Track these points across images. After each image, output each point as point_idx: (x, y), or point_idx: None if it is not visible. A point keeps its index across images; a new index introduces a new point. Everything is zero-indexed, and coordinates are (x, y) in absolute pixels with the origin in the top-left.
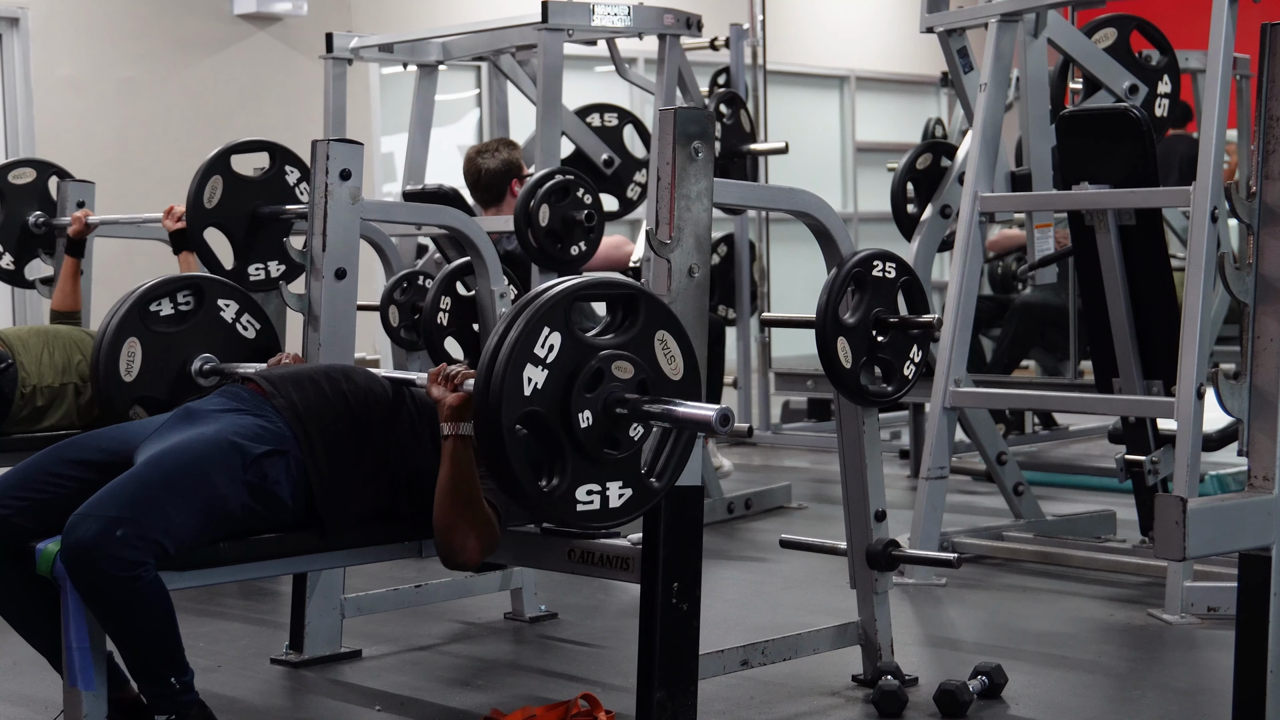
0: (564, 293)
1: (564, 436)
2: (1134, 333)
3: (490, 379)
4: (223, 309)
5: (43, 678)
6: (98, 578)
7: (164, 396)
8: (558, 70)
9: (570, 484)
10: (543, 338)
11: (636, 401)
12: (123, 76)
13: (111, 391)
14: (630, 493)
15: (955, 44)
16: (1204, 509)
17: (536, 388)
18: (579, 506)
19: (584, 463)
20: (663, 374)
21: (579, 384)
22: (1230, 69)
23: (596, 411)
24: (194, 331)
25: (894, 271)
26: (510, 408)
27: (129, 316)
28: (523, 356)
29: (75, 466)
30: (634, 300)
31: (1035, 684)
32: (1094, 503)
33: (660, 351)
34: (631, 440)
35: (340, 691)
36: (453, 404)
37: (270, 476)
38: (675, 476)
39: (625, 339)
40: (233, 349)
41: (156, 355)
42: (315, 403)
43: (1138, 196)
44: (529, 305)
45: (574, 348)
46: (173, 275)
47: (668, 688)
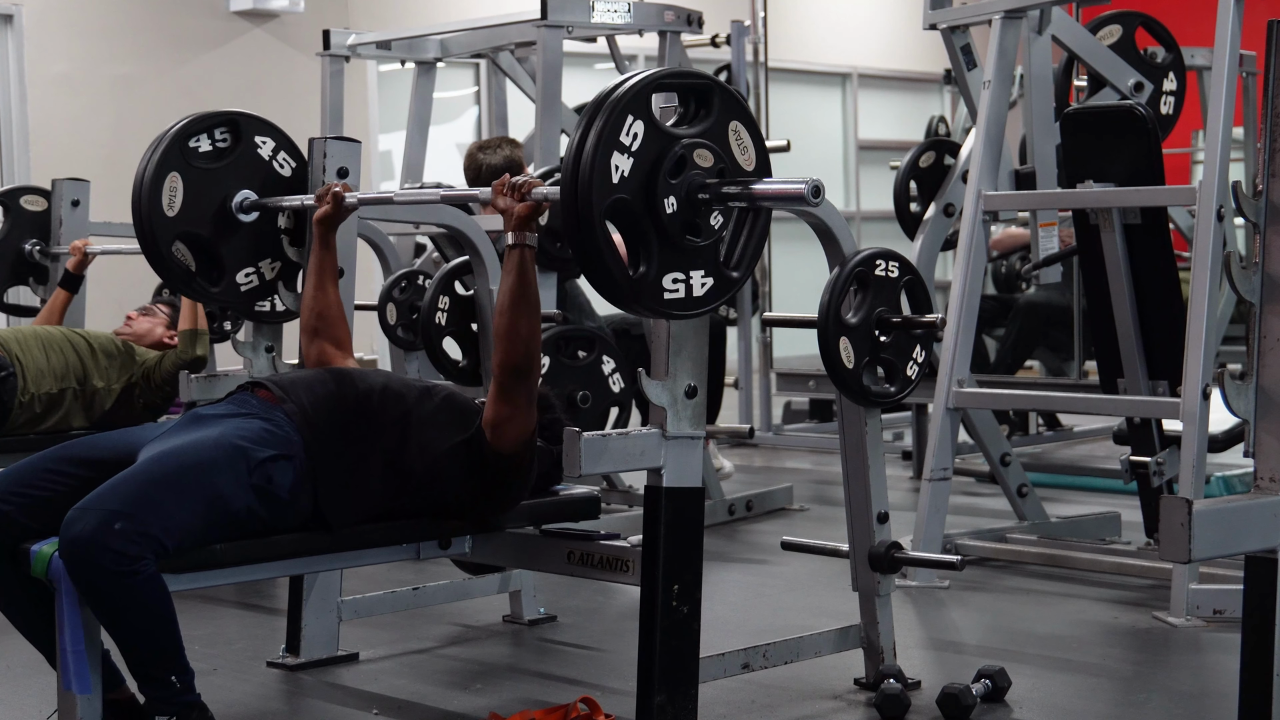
0: (644, 81)
1: (649, 224)
2: (1139, 332)
3: (579, 168)
4: (259, 145)
5: (37, 679)
6: (95, 572)
7: (206, 233)
8: (557, 67)
9: (658, 272)
10: (627, 126)
11: (717, 185)
12: (117, 74)
13: (154, 226)
14: (712, 282)
15: (959, 41)
16: (1210, 511)
17: (623, 175)
18: (666, 294)
19: (669, 250)
20: (737, 164)
21: (664, 171)
22: (1236, 66)
23: (680, 198)
24: (233, 168)
25: (897, 271)
26: (600, 196)
27: (169, 151)
28: (610, 145)
29: (77, 464)
30: (709, 90)
31: (1039, 687)
32: (1098, 504)
33: (734, 142)
34: (712, 228)
35: (337, 695)
36: (521, 213)
37: (275, 480)
38: (752, 266)
39: (701, 129)
40: (271, 185)
41: (197, 190)
42: (325, 406)
43: (1143, 195)
44: (610, 96)
45: (656, 136)
46: (210, 111)
47: (668, 691)
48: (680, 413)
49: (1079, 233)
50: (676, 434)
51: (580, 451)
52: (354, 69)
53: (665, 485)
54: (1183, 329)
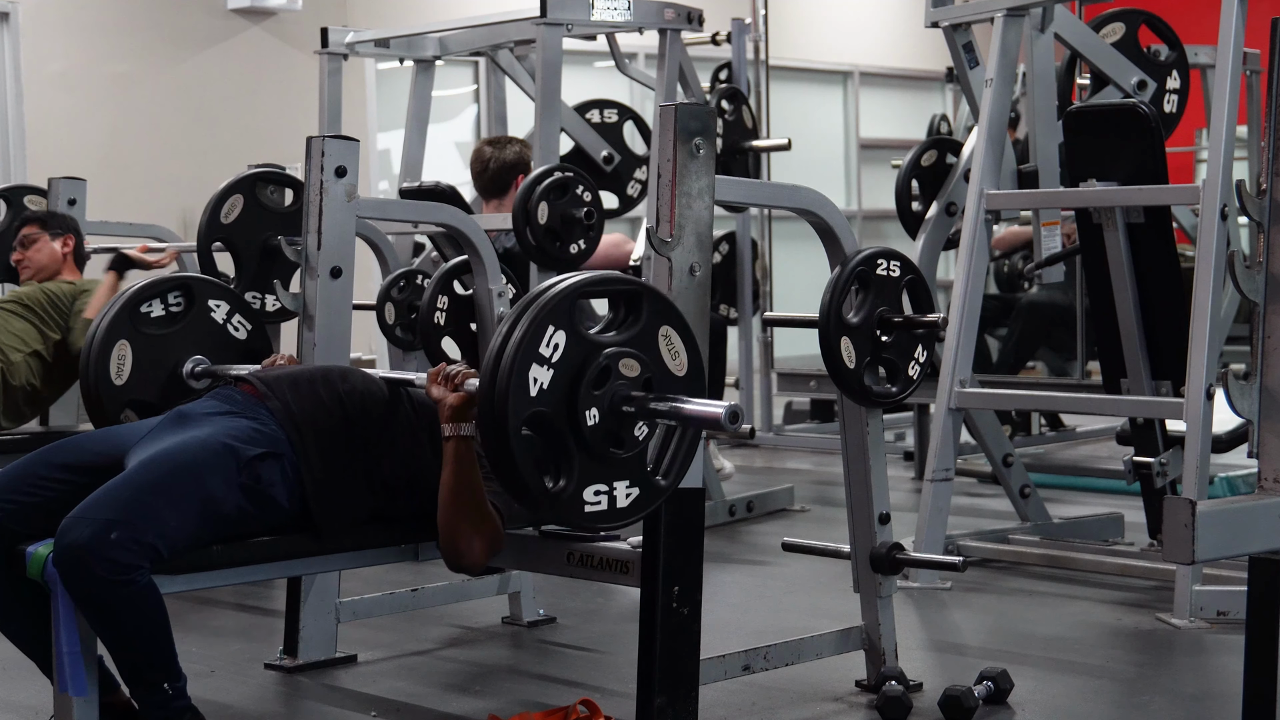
0: (567, 290)
1: (570, 436)
2: (1142, 332)
3: (496, 380)
4: (213, 309)
5: (31, 682)
6: (91, 581)
7: (155, 399)
8: (557, 65)
9: (578, 485)
10: (547, 337)
11: (643, 399)
12: (114, 72)
13: (102, 395)
14: (637, 492)
15: (961, 39)
16: (1213, 512)
17: (542, 388)
18: (587, 507)
19: (591, 463)
20: (667, 370)
21: (586, 382)
22: (1240, 64)
23: (603, 410)
24: (185, 333)
25: (898, 270)
26: (516, 409)
27: (119, 318)
28: (528, 356)
29: (65, 470)
30: (637, 296)
31: (1041, 689)
32: (1101, 505)
33: (664, 348)
34: (636, 439)
35: (335, 697)
36: (453, 404)
37: (265, 479)
38: (682, 474)
39: (629, 335)
40: (225, 350)
41: (147, 358)
42: (310, 405)
43: (1146, 194)
44: (532, 304)
45: (579, 346)
46: (162, 276)
47: (668, 693)
48: None
49: (1082, 232)
50: None
51: None
52: (352, 67)
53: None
54: (1186, 329)
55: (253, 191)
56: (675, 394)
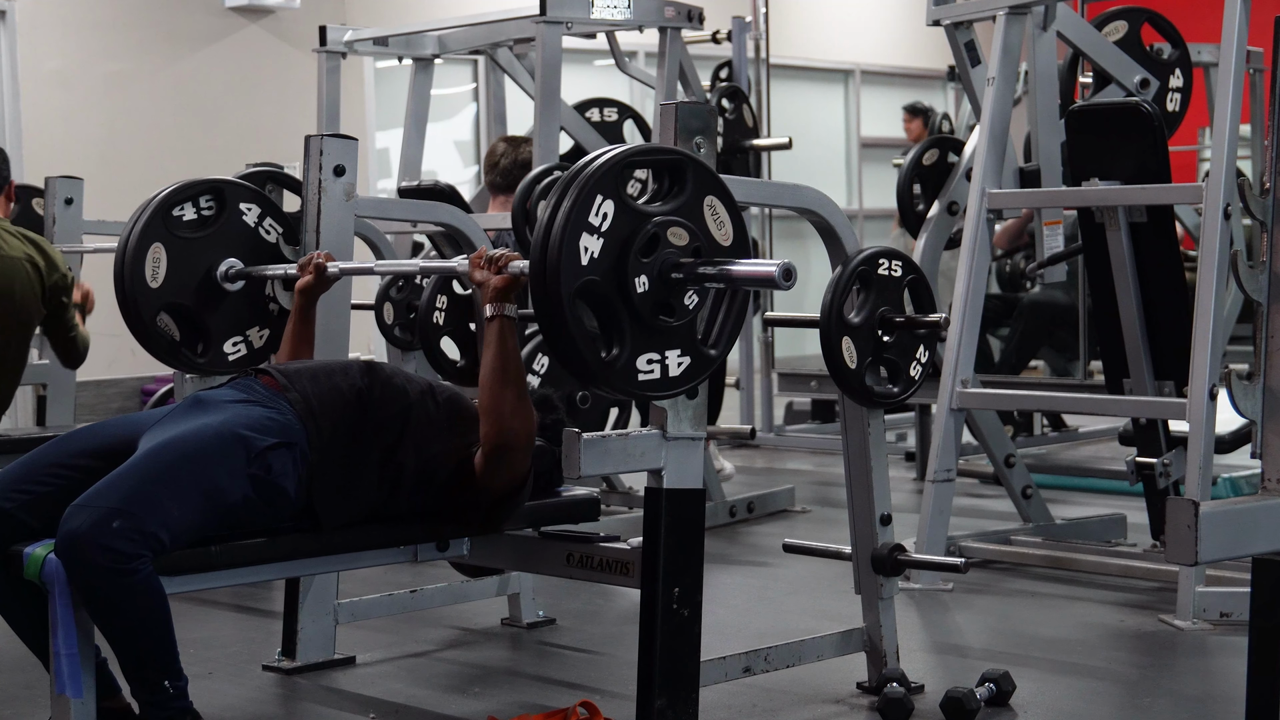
0: (614, 160)
1: (621, 305)
2: (1145, 332)
3: (547, 251)
4: (245, 213)
5: (26, 685)
6: (91, 571)
7: (190, 303)
8: (556, 64)
9: (630, 353)
10: (596, 206)
11: (692, 265)
12: (111, 70)
13: (138, 298)
14: (689, 361)
15: (962, 37)
16: (1216, 513)
17: (593, 257)
18: (640, 376)
19: (642, 332)
20: (714, 240)
21: (635, 250)
22: (1244, 63)
23: (653, 277)
24: (218, 236)
25: (900, 270)
26: (569, 278)
27: (152, 222)
28: (578, 226)
29: (79, 457)
30: (681, 166)
31: (1044, 691)
32: (1104, 506)
33: (710, 217)
34: (686, 308)
35: (334, 699)
36: (498, 286)
37: (275, 469)
38: (730, 344)
39: (674, 205)
40: (257, 253)
41: (181, 261)
42: (329, 397)
43: (1149, 193)
44: (579, 175)
45: (627, 215)
46: (193, 179)
47: (668, 695)
48: (681, 413)
49: (1084, 231)
50: (677, 435)
51: (580, 453)
52: (351, 65)
53: (666, 487)
54: (1189, 328)
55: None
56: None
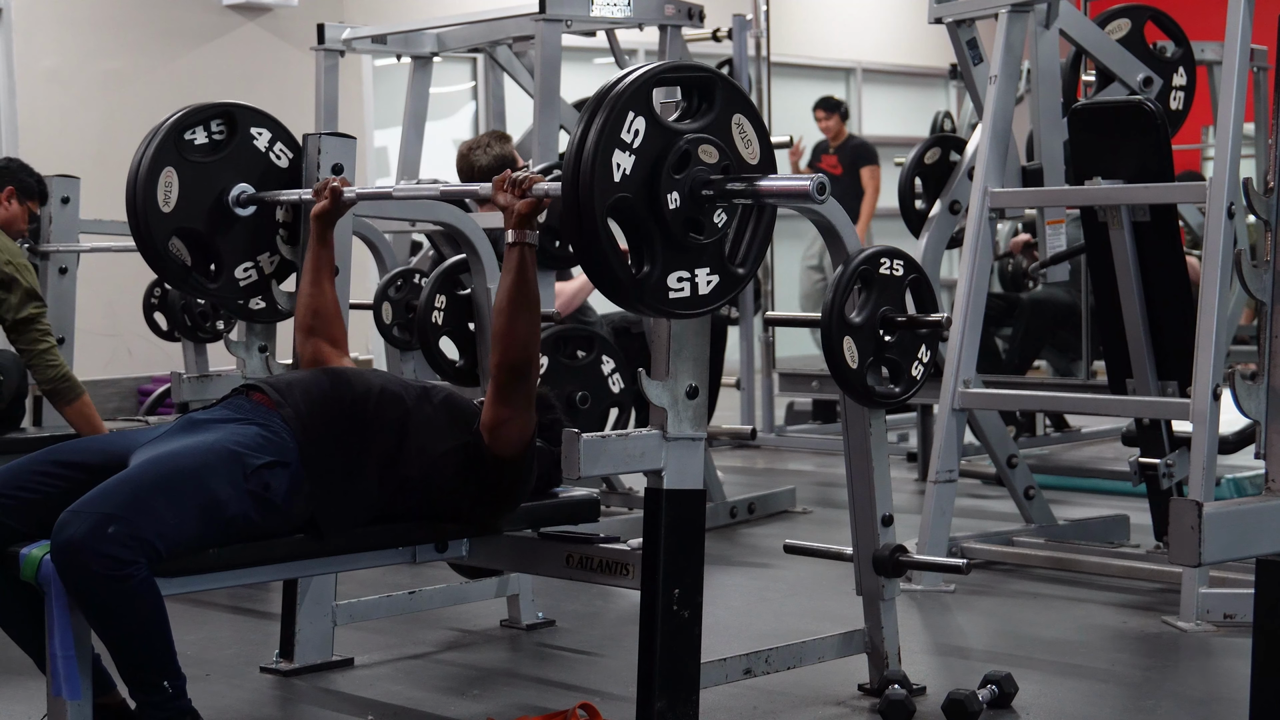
0: (644, 76)
1: (653, 223)
2: (1148, 332)
3: (580, 167)
4: (256, 137)
5: (25, 685)
6: (87, 577)
7: (202, 228)
8: (556, 62)
9: (662, 271)
10: (628, 122)
11: (721, 182)
12: (108, 69)
13: (150, 223)
14: (718, 279)
15: (965, 35)
16: (1220, 513)
17: (625, 173)
18: (671, 293)
19: (673, 249)
20: (741, 158)
21: (667, 167)
22: (1247, 61)
23: (684, 194)
24: (229, 160)
25: (902, 269)
26: (602, 195)
27: (164, 146)
28: (611, 142)
29: (68, 467)
30: (711, 84)
31: (1046, 693)
32: (1107, 507)
33: (738, 135)
34: (715, 226)
35: (332, 701)
36: (521, 211)
37: (272, 487)
38: (758, 263)
39: (704, 123)
40: (269, 178)
41: (193, 184)
42: (322, 411)
43: (1152, 192)
44: (610, 93)
45: (658, 132)
46: (204, 103)
47: (668, 697)
48: (681, 413)
49: (1087, 230)
50: (677, 435)
51: (579, 453)
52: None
53: (666, 487)
54: (1193, 328)
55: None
56: None
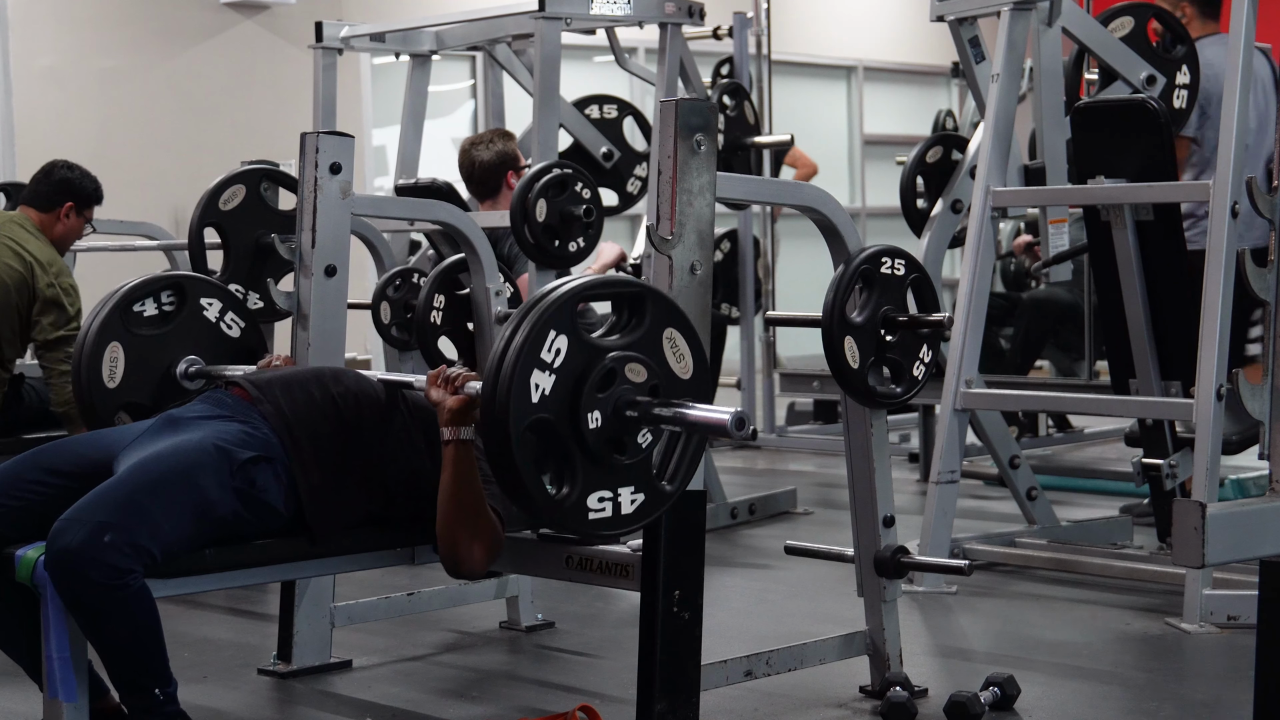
0: (567, 294)
1: (573, 442)
2: (1151, 332)
3: (497, 387)
4: (205, 308)
5: (21, 686)
6: (84, 585)
7: (148, 401)
8: (555, 60)
9: (581, 491)
10: (549, 342)
11: (647, 405)
12: (104, 67)
13: (95, 398)
14: (643, 498)
15: (967, 33)
16: (1224, 514)
17: (544, 394)
18: (591, 514)
19: (594, 469)
20: (672, 373)
21: (589, 386)
22: (1251, 59)
23: (606, 414)
24: (177, 332)
25: (903, 268)
26: (518, 416)
27: (110, 319)
28: (529, 362)
29: (53, 474)
30: (640, 299)
31: (1049, 695)
32: (1110, 508)
33: (669, 350)
34: (640, 446)
35: (330, 703)
36: (453, 407)
37: (259, 483)
38: (688, 480)
39: (632, 339)
40: (218, 349)
41: (140, 359)
42: (303, 408)
43: (1156, 191)
44: (533, 309)
45: (581, 350)
46: (155, 274)
47: (669, 699)
48: None
49: (1090, 230)
50: None
51: None
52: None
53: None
54: (1196, 328)
55: (256, 186)
56: (680, 397)
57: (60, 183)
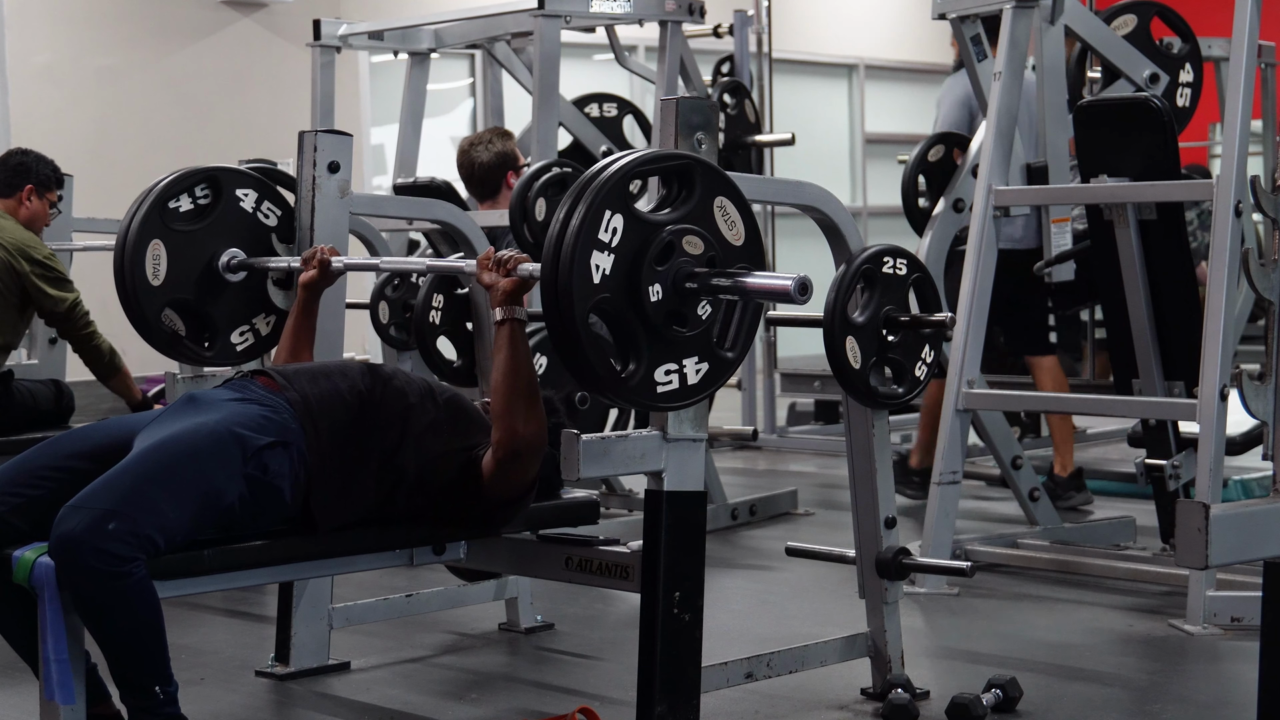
0: (619, 172)
1: (635, 319)
2: (1154, 332)
3: (558, 272)
4: (242, 199)
5: (16, 692)
6: (84, 574)
7: (193, 297)
8: (555, 58)
9: (648, 367)
10: (605, 222)
11: (706, 275)
12: (101, 65)
13: (140, 298)
14: (707, 367)
15: (969, 31)
16: (1227, 515)
17: (605, 274)
18: (659, 388)
19: (658, 343)
20: (726, 242)
21: (649, 261)
22: (1255, 57)
23: (666, 287)
24: (216, 226)
25: (905, 268)
26: (582, 299)
27: (149, 218)
28: (588, 244)
29: (71, 459)
30: (689, 170)
31: (1051, 697)
32: (1113, 509)
33: (721, 219)
34: (699, 318)
35: (328, 705)
36: (507, 289)
37: (272, 469)
38: (748, 346)
39: (684, 211)
40: (258, 241)
41: (181, 255)
42: (328, 399)
43: (1159, 190)
44: (586, 190)
45: (637, 227)
46: (187, 169)
47: (669, 701)
48: (681, 414)
49: (1093, 229)
50: (678, 436)
51: (579, 454)
52: (345, 60)
53: (666, 489)
54: (1199, 328)
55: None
56: (735, 264)
57: (17, 167)
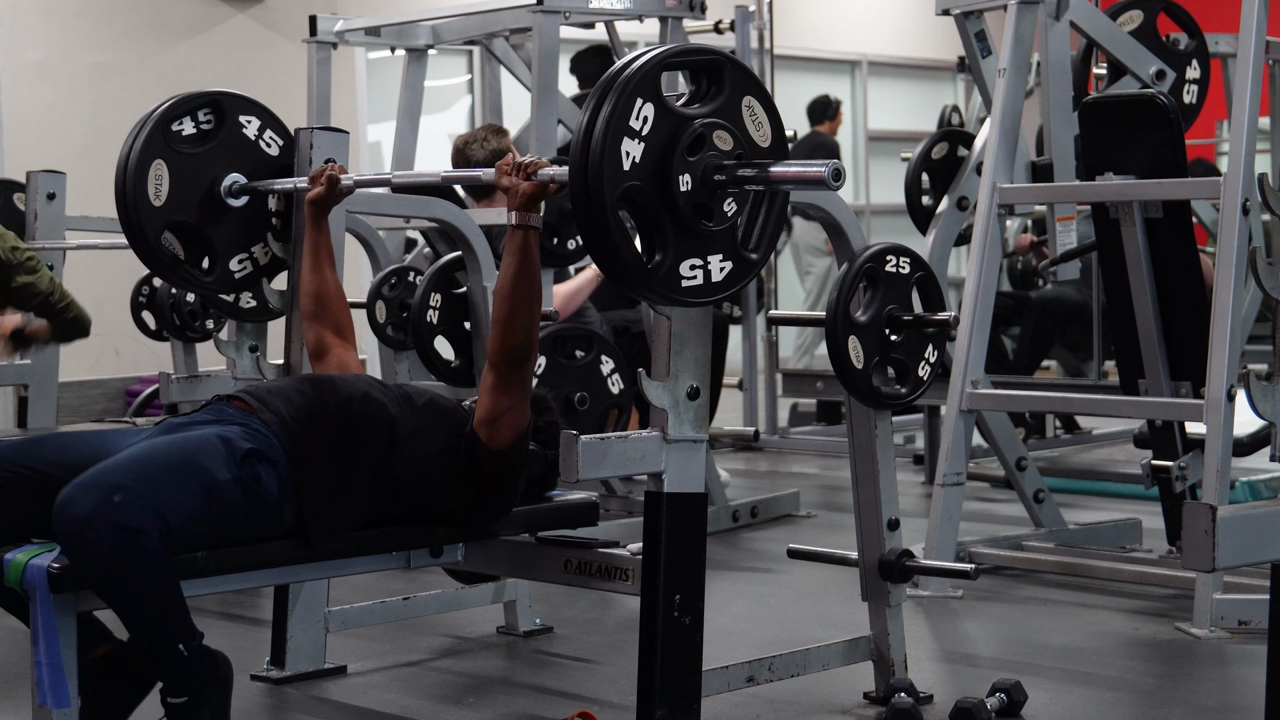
0: (650, 62)
1: (663, 209)
2: (1161, 331)
3: (589, 156)
4: (244, 125)
5: (12, 693)
6: (97, 548)
7: (194, 220)
8: (554, 55)
9: (674, 259)
10: (636, 110)
11: (733, 167)
12: (95, 61)
13: (142, 217)
14: (731, 265)
15: (973, 27)
16: (1234, 517)
17: (635, 161)
18: (683, 282)
19: (684, 236)
20: (753, 142)
21: (679, 152)
22: (1263, 53)
23: (695, 179)
24: (218, 150)
25: (908, 267)
26: (612, 184)
27: (152, 137)
28: (619, 130)
29: (48, 465)
30: (719, 66)
31: (1056, 701)
32: (1118, 511)
33: (748, 118)
34: (725, 214)
35: (324, 709)
36: (527, 191)
37: (262, 480)
38: (771, 247)
39: (713, 107)
40: (260, 167)
41: (183, 176)
42: (305, 414)
43: (1165, 188)
44: (618, 78)
45: (668, 118)
46: (191, 92)
47: (669, 705)
48: (682, 415)
49: (1098, 227)
50: (678, 437)
51: (578, 456)
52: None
53: (666, 490)
54: (1206, 327)
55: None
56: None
57: None
